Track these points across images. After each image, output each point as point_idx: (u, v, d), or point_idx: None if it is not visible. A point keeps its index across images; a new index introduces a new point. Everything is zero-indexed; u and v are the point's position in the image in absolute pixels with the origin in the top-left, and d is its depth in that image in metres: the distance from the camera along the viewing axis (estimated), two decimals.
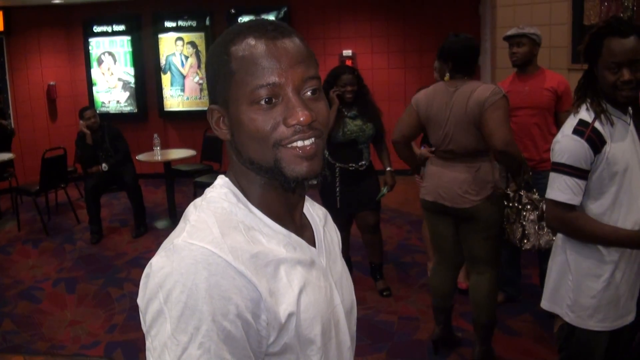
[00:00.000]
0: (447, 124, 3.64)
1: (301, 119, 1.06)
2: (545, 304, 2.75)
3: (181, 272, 0.98)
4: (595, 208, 2.50)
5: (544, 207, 3.43)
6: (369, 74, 9.05)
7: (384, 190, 4.80)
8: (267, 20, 1.14)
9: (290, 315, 1.06)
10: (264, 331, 1.03)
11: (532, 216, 3.51)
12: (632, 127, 2.53)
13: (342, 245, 1.47)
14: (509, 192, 3.61)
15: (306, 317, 1.09)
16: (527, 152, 4.32)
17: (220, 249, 1.00)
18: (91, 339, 4.54)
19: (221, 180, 1.19)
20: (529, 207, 3.52)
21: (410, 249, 6.13)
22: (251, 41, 1.09)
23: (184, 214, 1.14)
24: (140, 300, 1.04)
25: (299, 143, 1.08)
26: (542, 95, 4.28)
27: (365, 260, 5.34)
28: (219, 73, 1.13)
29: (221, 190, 1.16)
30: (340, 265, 1.32)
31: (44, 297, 5.37)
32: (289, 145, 1.08)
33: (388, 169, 4.85)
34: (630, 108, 2.54)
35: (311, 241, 1.24)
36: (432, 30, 8.77)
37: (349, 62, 8.91)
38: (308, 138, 1.09)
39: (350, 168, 4.78)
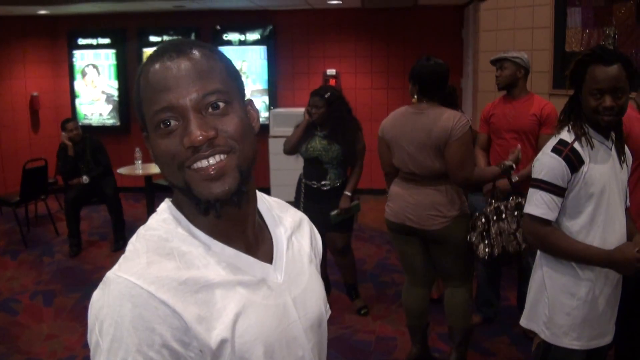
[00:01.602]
0: (409, 146, 3.69)
1: (198, 138, 1.03)
2: (523, 321, 2.81)
3: (109, 304, 1.00)
4: (571, 226, 2.57)
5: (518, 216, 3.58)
6: (352, 93, 9.11)
7: (335, 212, 4.75)
8: (172, 40, 1.14)
9: (222, 342, 1.05)
10: (197, 358, 1.03)
11: (504, 224, 3.59)
12: (613, 152, 2.60)
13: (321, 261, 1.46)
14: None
15: (244, 340, 1.08)
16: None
17: (144, 280, 1.01)
18: (68, 352, 4.51)
19: (164, 205, 1.19)
20: (495, 216, 3.61)
21: (389, 268, 6.16)
22: (151, 66, 1.09)
23: (129, 242, 1.14)
24: (87, 330, 1.06)
25: (202, 163, 1.06)
26: (527, 120, 4.34)
27: None
28: (136, 101, 1.13)
29: (161, 217, 1.15)
30: (307, 277, 1.28)
31: (21, 309, 5.34)
32: (193, 167, 1.06)
33: (345, 192, 4.79)
34: (612, 133, 2.61)
35: (268, 255, 1.22)
36: (415, 52, 8.82)
37: (332, 81, 8.97)
38: (211, 156, 1.06)
39: (313, 186, 4.83)
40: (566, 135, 2.57)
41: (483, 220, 3.66)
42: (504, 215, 3.63)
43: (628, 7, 5.17)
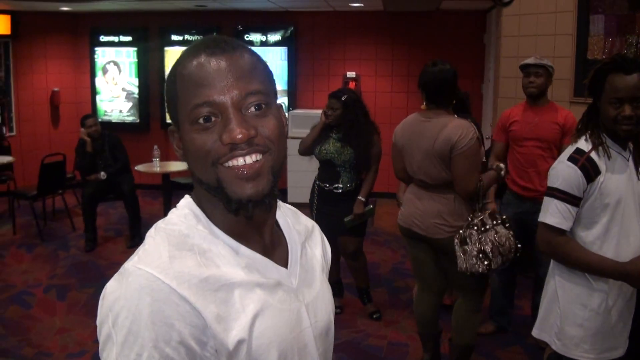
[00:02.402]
0: (418, 154, 3.64)
1: (238, 136, 1.02)
2: (535, 331, 2.78)
3: (127, 297, 0.97)
4: (585, 236, 2.54)
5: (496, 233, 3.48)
6: (372, 96, 9.10)
7: (349, 217, 4.72)
8: (214, 37, 1.12)
9: (240, 342, 1.03)
10: (212, 358, 1.01)
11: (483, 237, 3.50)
12: (630, 163, 2.56)
13: (332, 267, 1.44)
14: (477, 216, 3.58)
15: (260, 342, 1.06)
16: (531, 182, 4.33)
17: (165, 274, 0.99)
18: (78, 347, 4.52)
19: (184, 201, 1.17)
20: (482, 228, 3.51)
21: (404, 273, 6.12)
22: (193, 60, 1.07)
23: (146, 234, 1.12)
24: (97, 321, 1.03)
25: (239, 161, 1.05)
26: (550, 128, 4.28)
27: None
28: (169, 94, 1.12)
29: (182, 212, 1.14)
30: (319, 285, 1.27)
31: (35, 302, 5.36)
32: (228, 164, 1.05)
33: (359, 197, 4.75)
34: (630, 143, 2.58)
35: (283, 260, 1.20)
36: (437, 57, 8.64)
37: (352, 84, 8.96)
38: (248, 154, 1.05)
39: (325, 188, 4.81)
40: (583, 144, 2.54)
41: (474, 233, 3.51)
42: (488, 226, 3.50)
43: None
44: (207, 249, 1.07)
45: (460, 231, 3.49)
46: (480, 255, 3.43)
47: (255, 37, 9.33)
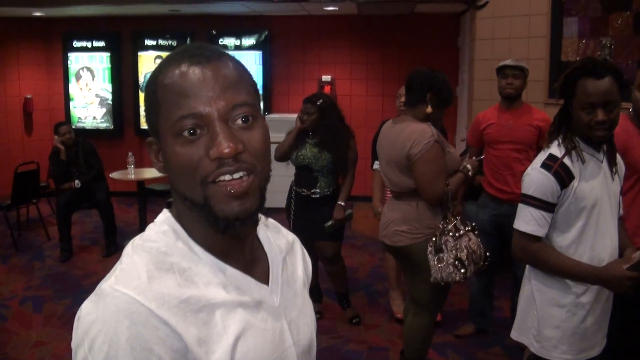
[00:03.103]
0: (383, 161, 3.63)
1: (225, 150, 0.98)
2: (514, 334, 2.79)
3: (104, 320, 0.93)
4: (561, 241, 2.54)
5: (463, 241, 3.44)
6: (347, 100, 9.11)
7: (329, 222, 4.70)
8: (197, 44, 1.07)
9: None
10: None
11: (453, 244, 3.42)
12: (604, 164, 2.56)
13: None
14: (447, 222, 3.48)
15: None
16: (507, 185, 4.34)
17: (144, 296, 0.95)
18: None
19: (162, 216, 1.12)
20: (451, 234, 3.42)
21: (382, 276, 6.11)
22: (176, 69, 1.02)
23: (123, 252, 1.07)
24: (72, 344, 0.99)
25: (226, 177, 1.00)
26: (526, 130, 4.29)
27: None
28: (149, 104, 1.07)
29: (160, 228, 1.09)
30: (300, 301, 1.24)
31: (10, 315, 5.28)
32: (217, 181, 1.00)
33: (339, 202, 4.75)
34: (604, 146, 2.57)
35: (264, 276, 1.16)
36: (411, 60, 8.82)
37: (327, 88, 8.95)
38: (236, 172, 1.00)
39: (303, 193, 4.80)
40: (556, 149, 2.53)
41: (451, 240, 3.41)
42: (462, 231, 3.43)
43: (625, 18, 5.15)
44: (186, 267, 1.03)
45: (434, 239, 3.40)
46: (457, 263, 3.34)
47: (230, 41, 9.30)
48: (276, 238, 1.27)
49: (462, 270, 3.36)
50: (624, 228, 2.78)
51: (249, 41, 9.29)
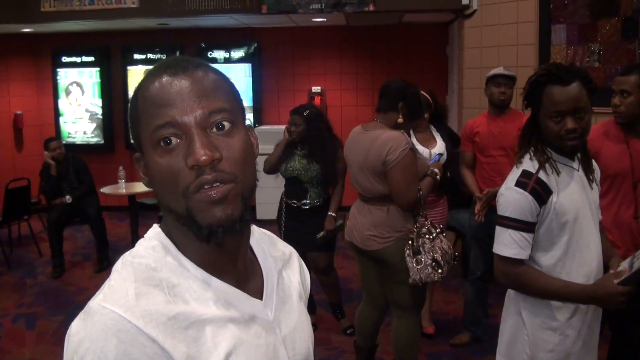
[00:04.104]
0: (354, 166, 3.68)
1: (202, 158, 0.97)
2: (499, 357, 2.63)
3: (92, 338, 0.92)
4: (546, 260, 2.39)
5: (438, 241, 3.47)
6: (337, 110, 9.12)
7: (321, 233, 4.70)
8: (176, 57, 1.09)
9: None
10: None
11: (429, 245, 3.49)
12: (581, 172, 2.43)
13: None
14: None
15: None
16: None
17: (132, 313, 0.94)
18: None
19: (152, 231, 1.11)
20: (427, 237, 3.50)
21: None
22: (154, 81, 1.03)
23: (112, 268, 1.06)
24: None
25: (206, 188, 0.99)
26: (515, 136, 4.28)
27: None
28: (132, 118, 1.07)
29: (149, 243, 1.08)
30: (296, 315, 1.22)
31: (3, 333, 5.25)
32: (198, 193, 0.99)
33: (330, 213, 4.74)
34: (578, 154, 2.45)
35: (258, 290, 1.15)
36: (400, 69, 8.85)
37: (317, 99, 8.95)
38: (214, 182, 0.99)
39: (293, 205, 4.79)
40: (529, 164, 2.39)
41: (427, 241, 3.48)
42: (434, 234, 3.50)
43: (613, 24, 5.19)
44: (176, 283, 1.02)
45: (411, 242, 3.46)
46: (434, 263, 3.42)
47: (219, 54, 9.30)
48: (272, 251, 1.26)
49: (439, 270, 3.43)
50: (605, 235, 2.68)
51: (238, 54, 9.30)
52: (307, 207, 4.76)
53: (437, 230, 3.54)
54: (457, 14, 7.05)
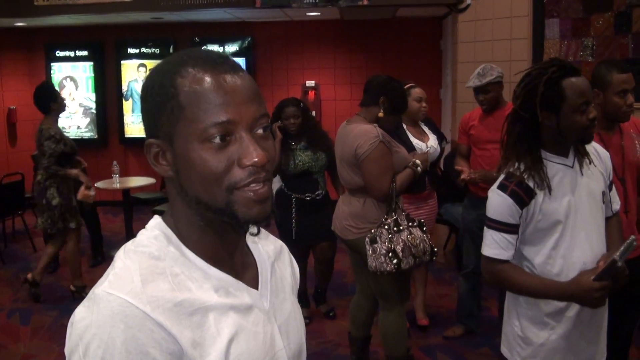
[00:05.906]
0: (337, 159, 3.79)
1: (256, 159, 1.02)
2: (503, 349, 2.62)
3: (98, 324, 0.94)
4: (538, 258, 2.39)
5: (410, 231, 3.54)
6: (331, 104, 9.12)
7: None
8: (212, 51, 1.10)
9: None
10: None
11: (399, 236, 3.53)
12: (576, 167, 2.39)
13: (300, 278, 1.43)
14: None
15: None
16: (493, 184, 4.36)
17: (139, 300, 0.95)
18: None
19: (153, 222, 1.13)
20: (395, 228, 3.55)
21: None
22: (200, 74, 1.03)
23: (114, 257, 1.08)
24: (65, 350, 0.99)
25: (254, 186, 1.03)
26: None
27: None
28: (163, 106, 1.05)
29: (151, 233, 1.10)
30: (290, 305, 1.26)
31: None
32: (245, 188, 1.03)
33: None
34: (571, 148, 2.41)
35: (254, 282, 1.18)
36: (394, 63, 8.86)
37: (311, 93, 8.98)
38: (262, 181, 1.04)
39: (307, 198, 4.79)
40: (514, 167, 2.38)
41: (384, 232, 3.52)
42: (402, 227, 3.54)
43: (606, 18, 5.21)
44: (178, 272, 1.04)
45: (372, 230, 3.54)
46: (390, 254, 3.46)
47: (213, 48, 9.26)
48: (264, 244, 1.29)
49: (395, 261, 3.46)
50: (619, 222, 2.63)
51: (232, 48, 9.29)
52: (320, 197, 4.82)
53: (409, 224, 3.58)
54: (451, 8, 7.05)
